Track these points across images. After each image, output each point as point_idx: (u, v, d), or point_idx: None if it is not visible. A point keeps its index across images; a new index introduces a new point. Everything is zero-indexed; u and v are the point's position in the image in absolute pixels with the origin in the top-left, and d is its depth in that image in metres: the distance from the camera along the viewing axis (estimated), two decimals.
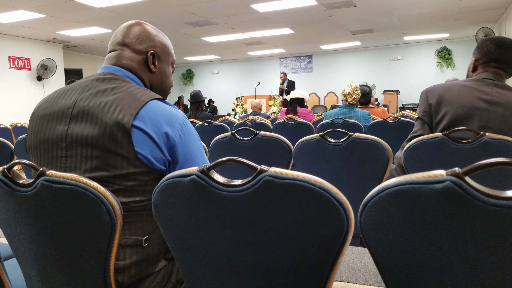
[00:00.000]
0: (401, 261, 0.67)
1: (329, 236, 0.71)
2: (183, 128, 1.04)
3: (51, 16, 6.78)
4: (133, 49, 1.14)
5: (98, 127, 0.97)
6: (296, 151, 1.83)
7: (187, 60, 12.80)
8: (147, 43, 1.16)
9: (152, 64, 1.16)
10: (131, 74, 1.12)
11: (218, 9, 6.69)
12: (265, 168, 0.72)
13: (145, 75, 1.16)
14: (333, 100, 11.49)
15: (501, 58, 1.71)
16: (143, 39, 1.15)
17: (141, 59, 1.15)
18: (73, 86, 1.08)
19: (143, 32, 1.16)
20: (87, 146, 0.97)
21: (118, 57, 1.13)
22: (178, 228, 0.84)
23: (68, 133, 1.00)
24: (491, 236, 0.58)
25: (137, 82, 1.13)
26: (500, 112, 1.63)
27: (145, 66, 1.16)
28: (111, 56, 1.14)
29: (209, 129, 3.39)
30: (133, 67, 1.13)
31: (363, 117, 3.38)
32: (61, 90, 1.09)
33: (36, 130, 1.06)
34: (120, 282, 0.97)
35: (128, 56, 1.13)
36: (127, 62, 1.12)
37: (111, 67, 1.11)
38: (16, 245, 0.98)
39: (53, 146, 1.01)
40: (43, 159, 1.03)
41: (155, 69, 1.17)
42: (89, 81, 1.07)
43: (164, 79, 1.22)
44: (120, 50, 1.14)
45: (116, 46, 1.15)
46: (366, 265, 2.34)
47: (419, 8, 7.04)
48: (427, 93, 1.82)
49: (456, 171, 0.58)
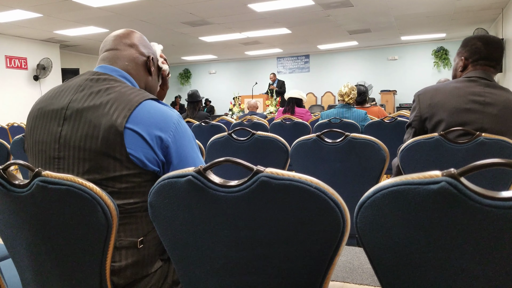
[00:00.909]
0: (396, 261, 0.67)
1: (325, 236, 0.72)
2: (178, 128, 1.03)
3: (48, 15, 6.76)
4: (137, 50, 1.16)
5: (91, 129, 0.96)
6: (293, 151, 1.83)
7: (184, 59, 12.78)
8: (148, 48, 1.20)
9: (152, 67, 1.19)
10: (127, 74, 1.11)
11: (215, 9, 6.68)
12: (261, 168, 0.72)
13: (142, 78, 1.17)
14: (330, 100, 11.50)
15: (491, 55, 1.73)
16: (145, 44, 1.19)
17: (142, 61, 1.17)
18: (68, 86, 1.07)
19: (143, 38, 1.20)
20: (80, 148, 0.96)
21: (116, 57, 1.12)
22: (174, 228, 0.84)
23: (61, 134, 0.99)
24: (486, 237, 0.59)
25: (133, 83, 1.12)
26: (494, 112, 1.64)
27: (145, 68, 1.18)
28: (108, 56, 1.13)
29: (206, 129, 3.38)
30: (131, 68, 1.13)
31: (360, 117, 3.38)
32: (56, 90, 1.09)
33: (31, 131, 1.05)
34: (116, 283, 0.97)
35: (128, 57, 1.13)
36: (127, 63, 1.12)
37: (107, 67, 1.10)
38: (11, 246, 0.98)
39: (46, 147, 1.01)
40: (38, 160, 1.03)
41: (153, 73, 1.21)
42: (83, 80, 1.06)
43: (156, 83, 1.26)
44: (119, 50, 1.13)
45: (114, 45, 1.14)
46: (362, 265, 2.34)
47: (416, 8, 7.06)
48: (419, 97, 1.83)
49: (451, 172, 0.58)
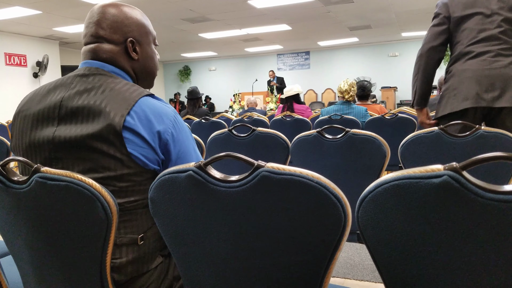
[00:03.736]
0: (398, 256, 0.67)
1: (326, 231, 0.71)
2: (175, 125, 1.02)
3: (47, 12, 6.74)
4: (109, 41, 1.07)
5: (89, 129, 0.94)
6: (293, 147, 1.83)
7: (184, 56, 12.76)
8: (122, 30, 1.07)
9: (134, 52, 1.09)
10: (114, 67, 1.06)
11: (215, 5, 6.67)
12: (262, 163, 0.71)
13: (127, 64, 1.09)
14: (330, 97, 11.49)
15: None
16: (117, 27, 1.07)
17: (120, 49, 1.08)
18: (56, 84, 1.04)
19: (115, 17, 1.07)
20: (78, 148, 0.95)
21: (96, 50, 1.06)
22: (175, 224, 0.84)
23: (55, 135, 0.97)
24: (489, 231, 0.58)
25: (122, 75, 1.07)
26: None
27: (126, 55, 1.09)
28: (89, 50, 1.07)
29: (206, 125, 3.38)
30: (114, 59, 1.07)
31: (360, 114, 3.38)
32: (44, 88, 1.05)
33: (21, 131, 1.02)
34: (117, 280, 0.97)
35: (106, 49, 1.06)
36: (106, 55, 1.06)
37: (93, 62, 1.05)
38: (11, 243, 0.97)
39: (40, 148, 0.98)
40: (32, 161, 1.01)
41: (137, 56, 1.10)
42: (73, 77, 1.03)
43: (148, 63, 1.14)
44: (97, 43, 1.07)
45: (91, 38, 1.08)
46: (363, 261, 2.35)
47: (416, 4, 7.04)
48: None
49: (453, 165, 0.57)
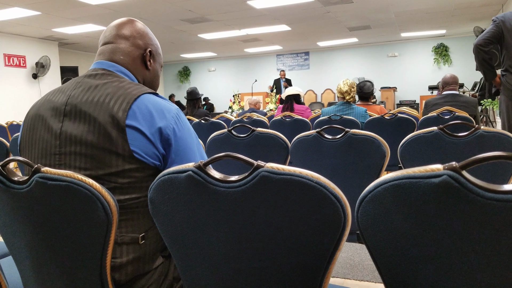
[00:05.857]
0: (398, 256, 0.67)
1: (326, 231, 0.71)
2: (177, 121, 1.03)
3: (46, 13, 6.74)
4: (133, 43, 1.13)
5: (92, 124, 0.96)
6: (293, 148, 1.83)
7: (183, 57, 12.75)
8: (146, 40, 1.16)
9: (149, 61, 1.16)
10: (125, 69, 1.10)
11: (214, 6, 6.67)
12: (261, 163, 0.72)
13: (140, 72, 1.15)
14: (330, 97, 11.49)
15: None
16: (142, 35, 1.15)
17: (138, 54, 1.14)
18: (66, 85, 1.08)
19: (141, 28, 1.17)
20: (81, 144, 0.96)
21: (113, 51, 1.11)
22: (174, 224, 0.84)
23: (62, 130, 0.99)
24: (488, 230, 0.58)
25: (130, 77, 1.11)
26: None
27: (142, 62, 1.15)
28: (105, 50, 1.12)
29: (206, 126, 3.38)
30: (127, 62, 1.11)
31: (360, 114, 3.38)
32: (55, 90, 1.09)
33: (29, 129, 1.05)
34: (117, 279, 0.97)
35: (124, 50, 1.11)
36: (122, 57, 1.11)
37: (104, 63, 1.10)
38: (11, 243, 0.97)
39: (47, 144, 1.01)
40: (37, 157, 1.02)
41: (150, 67, 1.17)
42: (81, 77, 1.07)
43: (155, 78, 1.22)
44: (116, 44, 1.12)
45: (111, 38, 1.13)
46: (363, 261, 2.35)
47: (416, 4, 7.04)
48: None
49: (453, 165, 0.58)
